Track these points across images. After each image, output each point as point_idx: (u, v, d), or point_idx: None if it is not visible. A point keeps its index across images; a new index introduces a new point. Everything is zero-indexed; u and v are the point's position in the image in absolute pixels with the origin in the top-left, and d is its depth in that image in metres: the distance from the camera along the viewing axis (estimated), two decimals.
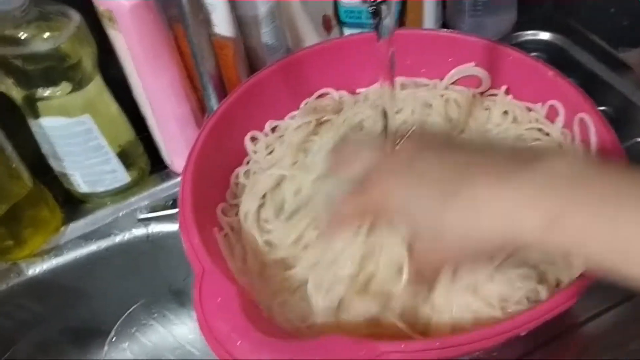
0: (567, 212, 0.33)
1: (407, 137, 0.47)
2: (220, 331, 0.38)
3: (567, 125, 0.55)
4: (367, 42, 0.52)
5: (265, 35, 0.64)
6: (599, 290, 0.51)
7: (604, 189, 0.34)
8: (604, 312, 0.52)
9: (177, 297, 0.67)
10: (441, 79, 0.61)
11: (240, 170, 0.56)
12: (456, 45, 0.60)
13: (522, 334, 0.39)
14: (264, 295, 0.47)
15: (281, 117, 0.59)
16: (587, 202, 0.33)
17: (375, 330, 0.43)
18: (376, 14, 0.40)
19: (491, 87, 0.60)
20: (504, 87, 0.59)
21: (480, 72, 0.60)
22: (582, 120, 0.52)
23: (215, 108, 0.58)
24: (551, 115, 0.56)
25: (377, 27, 0.41)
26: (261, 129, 0.58)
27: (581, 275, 0.41)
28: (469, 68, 0.60)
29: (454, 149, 0.41)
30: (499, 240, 0.37)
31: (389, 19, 0.40)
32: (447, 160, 0.40)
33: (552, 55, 0.74)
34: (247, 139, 0.57)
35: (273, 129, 0.59)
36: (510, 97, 0.59)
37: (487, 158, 0.39)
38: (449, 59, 0.61)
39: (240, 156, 0.57)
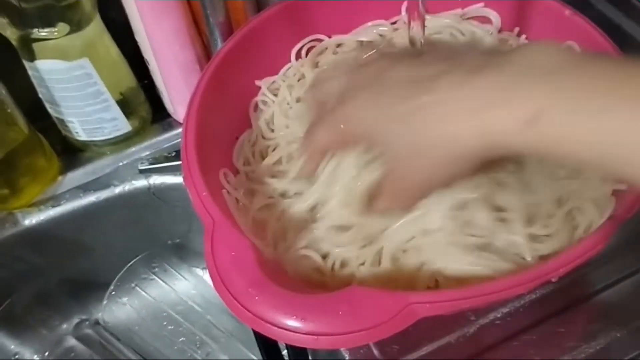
0: (546, 107, 0.30)
1: (377, 52, 0.44)
2: (236, 286, 0.35)
3: None
4: None
5: None
6: (616, 258, 0.50)
7: (589, 76, 0.30)
8: (620, 280, 0.51)
9: (178, 251, 0.65)
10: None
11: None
12: None
13: (554, 279, 0.36)
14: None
15: (288, 60, 0.56)
16: (569, 93, 0.29)
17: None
18: None
19: (503, 29, 0.57)
20: (516, 29, 0.56)
21: (489, 12, 0.56)
22: None
23: None
24: None
25: None
26: (269, 70, 0.55)
27: (610, 217, 0.39)
28: (478, 9, 0.57)
29: (426, 60, 0.37)
30: (475, 145, 0.33)
31: None
32: (416, 69, 0.36)
33: (577, 8, 0.70)
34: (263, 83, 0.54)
35: None
36: (523, 37, 0.55)
37: (454, 58, 0.35)
38: None
39: (245, 100, 0.53)
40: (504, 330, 0.48)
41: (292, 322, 0.33)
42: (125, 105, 0.60)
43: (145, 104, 0.63)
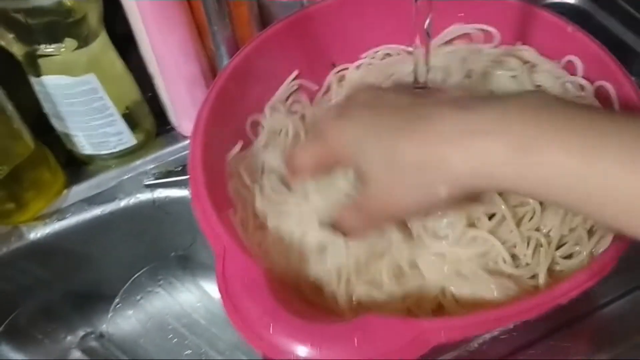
0: (537, 142, 0.30)
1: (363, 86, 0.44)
2: (250, 314, 0.35)
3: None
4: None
5: None
6: (620, 272, 0.51)
7: (580, 120, 0.30)
8: (624, 295, 0.51)
9: (183, 263, 0.65)
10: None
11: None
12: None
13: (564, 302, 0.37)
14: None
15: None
16: (561, 134, 0.30)
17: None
18: None
19: (504, 43, 0.57)
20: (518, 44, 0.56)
21: (488, 28, 0.57)
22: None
23: None
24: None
25: None
26: (277, 86, 0.55)
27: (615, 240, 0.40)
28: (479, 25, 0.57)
29: (411, 93, 0.38)
30: (461, 172, 0.33)
31: None
32: (403, 99, 0.37)
33: (578, 21, 0.70)
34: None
35: None
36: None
37: (450, 95, 0.36)
38: (459, 14, 0.57)
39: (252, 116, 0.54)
40: (508, 345, 0.49)
41: (308, 351, 0.33)
42: (130, 119, 0.60)
43: (149, 117, 0.63)
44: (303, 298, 0.43)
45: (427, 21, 0.39)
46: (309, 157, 0.42)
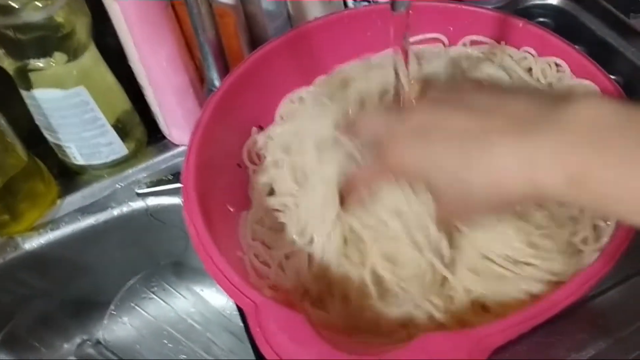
0: (592, 168, 0.31)
1: (417, 99, 0.46)
2: None
3: None
4: (381, 14, 0.50)
5: (266, 0, 0.61)
6: None
7: (632, 139, 0.31)
8: (607, 290, 0.52)
9: (176, 269, 0.66)
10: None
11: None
12: (457, 15, 0.58)
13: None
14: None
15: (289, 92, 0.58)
16: (614, 157, 0.31)
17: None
18: None
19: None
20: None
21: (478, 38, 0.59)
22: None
23: (215, 79, 0.57)
24: None
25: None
26: (269, 104, 0.57)
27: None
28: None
29: (467, 106, 0.39)
30: (520, 195, 0.35)
31: None
32: (460, 119, 0.37)
33: (561, 22, 0.72)
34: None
35: None
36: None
37: (503, 109, 0.36)
38: (450, 28, 0.59)
39: (245, 137, 0.55)
40: None
41: None
42: (121, 129, 0.61)
43: (140, 126, 0.64)
44: (343, 327, 0.44)
45: (406, 34, 0.40)
46: (369, 175, 0.45)
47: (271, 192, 0.53)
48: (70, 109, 0.56)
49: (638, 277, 0.52)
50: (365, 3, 0.66)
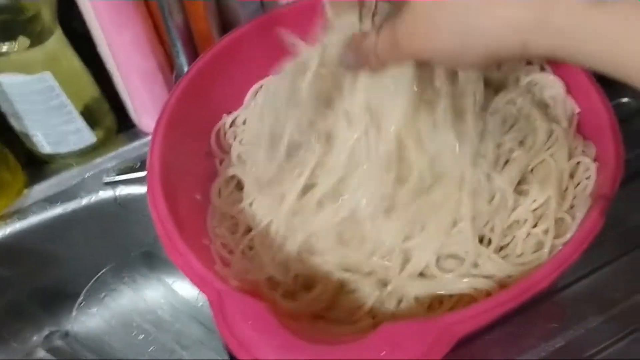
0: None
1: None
2: (267, 354, 0.35)
3: None
4: None
5: None
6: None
7: None
8: (577, 280, 0.52)
9: (147, 260, 0.65)
10: None
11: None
12: None
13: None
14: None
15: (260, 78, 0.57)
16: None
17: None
18: None
19: None
20: None
21: None
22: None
23: (184, 64, 0.56)
24: None
25: None
26: (239, 91, 0.56)
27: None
28: None
29: None
30: (491, 39, 0.33)
31: None
32: None
33: None
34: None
35: None
36: None
37: None
38: None
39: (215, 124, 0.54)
40: None
41: None
42: (89, 116, 0.60)
43: (109, 114, 0.63)
44: (310, 316, 0.44)
45: None
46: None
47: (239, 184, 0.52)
48: (36, 95, 0.55)
49: (607, 268, 0.52)
50: None
